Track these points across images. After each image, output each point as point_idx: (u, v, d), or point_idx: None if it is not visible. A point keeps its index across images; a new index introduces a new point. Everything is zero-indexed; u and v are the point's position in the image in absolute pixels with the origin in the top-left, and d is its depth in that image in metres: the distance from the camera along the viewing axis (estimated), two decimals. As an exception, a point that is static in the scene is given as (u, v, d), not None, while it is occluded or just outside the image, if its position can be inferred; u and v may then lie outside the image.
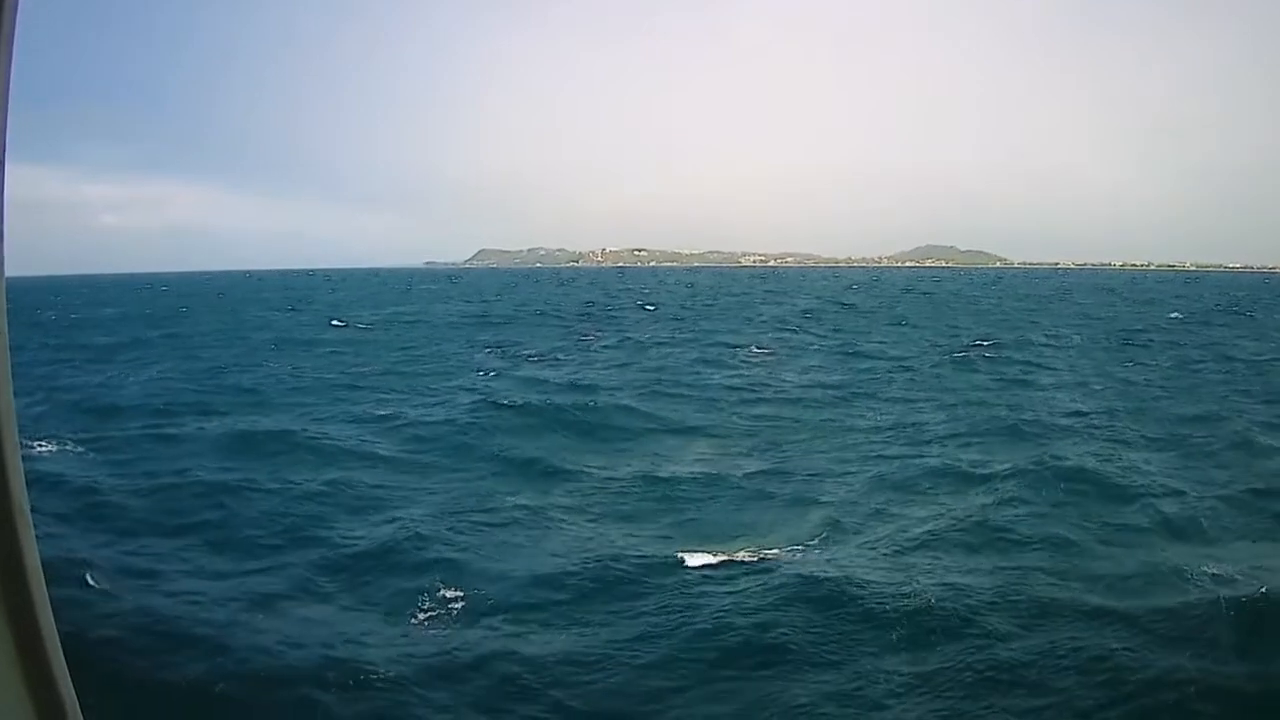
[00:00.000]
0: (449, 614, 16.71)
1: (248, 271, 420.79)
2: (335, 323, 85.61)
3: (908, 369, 48.95)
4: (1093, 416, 34.62)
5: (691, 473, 26.69)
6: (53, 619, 2.48)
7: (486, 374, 47.92)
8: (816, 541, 20.48)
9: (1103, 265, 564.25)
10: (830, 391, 41.57)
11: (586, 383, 43.80)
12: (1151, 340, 65.50)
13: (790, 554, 19.53)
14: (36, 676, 2.45)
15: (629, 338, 68.16)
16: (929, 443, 30.47)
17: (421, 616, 16.67)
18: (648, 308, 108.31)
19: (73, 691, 2.53)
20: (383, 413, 36.30)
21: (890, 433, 32.55)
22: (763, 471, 26.80)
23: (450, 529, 21.26)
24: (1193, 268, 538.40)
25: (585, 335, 71.95)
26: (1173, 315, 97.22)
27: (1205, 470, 25.97)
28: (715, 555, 19.30)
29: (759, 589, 17.18)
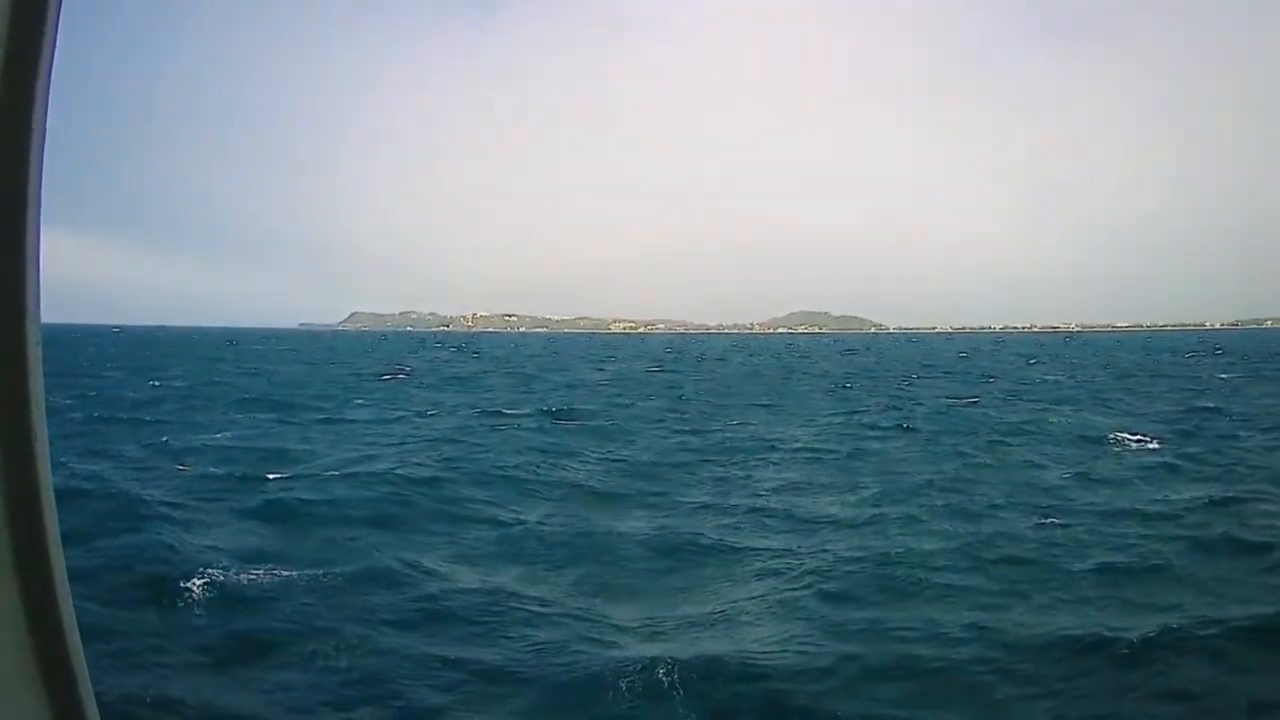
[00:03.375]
0: None
1: (119, 327, 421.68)
2: (154, 382, 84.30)
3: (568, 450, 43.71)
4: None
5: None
6: (74, 613, 2.63)
7: (215, 435, 46.06)
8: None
9: (982, 328, 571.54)
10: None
11: (287, 448, 41.93)
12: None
13: None
14: (55, 673, 2.57)
15: (397, 406, 65.79)
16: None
17: None
18: (459, 376, 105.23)
19: (90, 688, 2.67)
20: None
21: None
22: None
23: None
24: (1077, 328, 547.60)
25: (362, 399, 71.38)
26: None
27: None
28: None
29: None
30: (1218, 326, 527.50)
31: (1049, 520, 26.94)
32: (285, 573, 20.81)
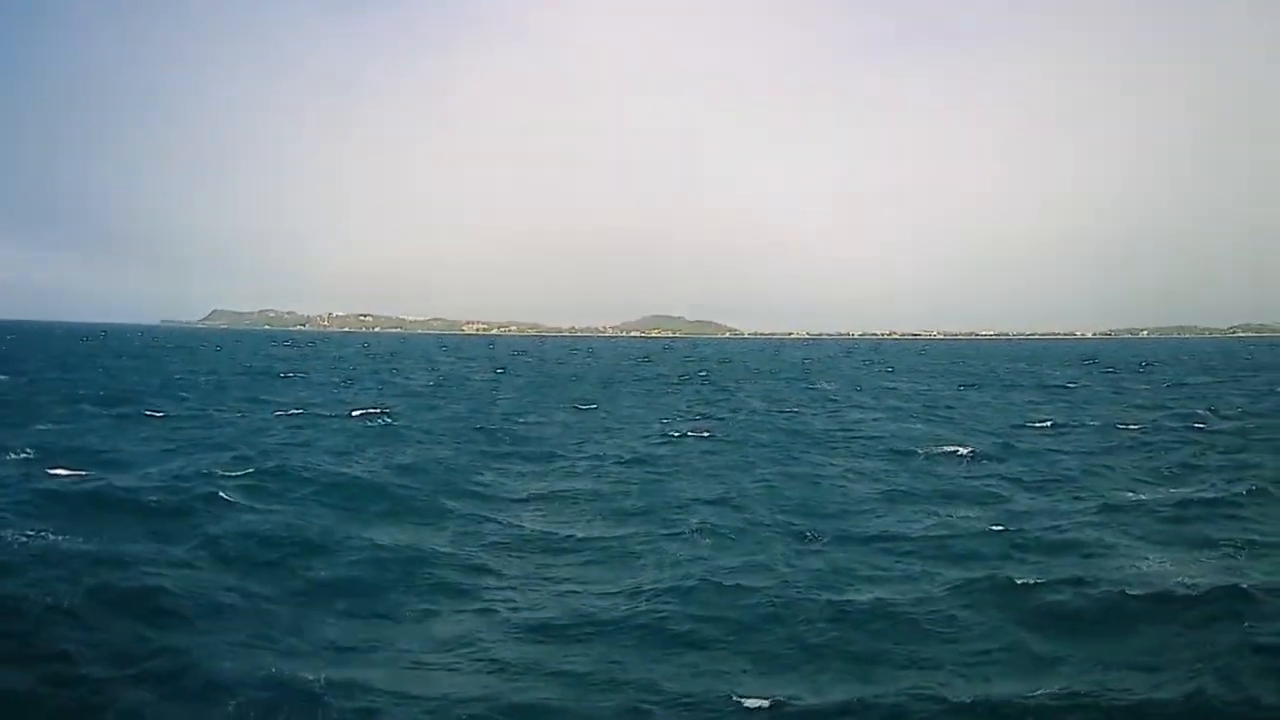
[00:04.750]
0: None
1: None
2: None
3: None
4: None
5: None
6: None
7: (39, 428, 45.45)
8: None
9: (841, 334, 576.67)
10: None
11: (96, 444, 40.64)
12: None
13: None
14: None
15: (222, 404, 63.83)
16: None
17: None
18: (285, 375, 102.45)
19: None
20: None
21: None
22: None
23: None
24: (939, 335, 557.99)
25: (189, 394, 71.64)
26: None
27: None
28: None
29: None
30: (1089, 336, 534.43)
31: (812, 546, 24.44)
32: (40, 549, 21.38)
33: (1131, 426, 50.87)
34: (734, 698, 14.73)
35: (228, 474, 32.42)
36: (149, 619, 17.60)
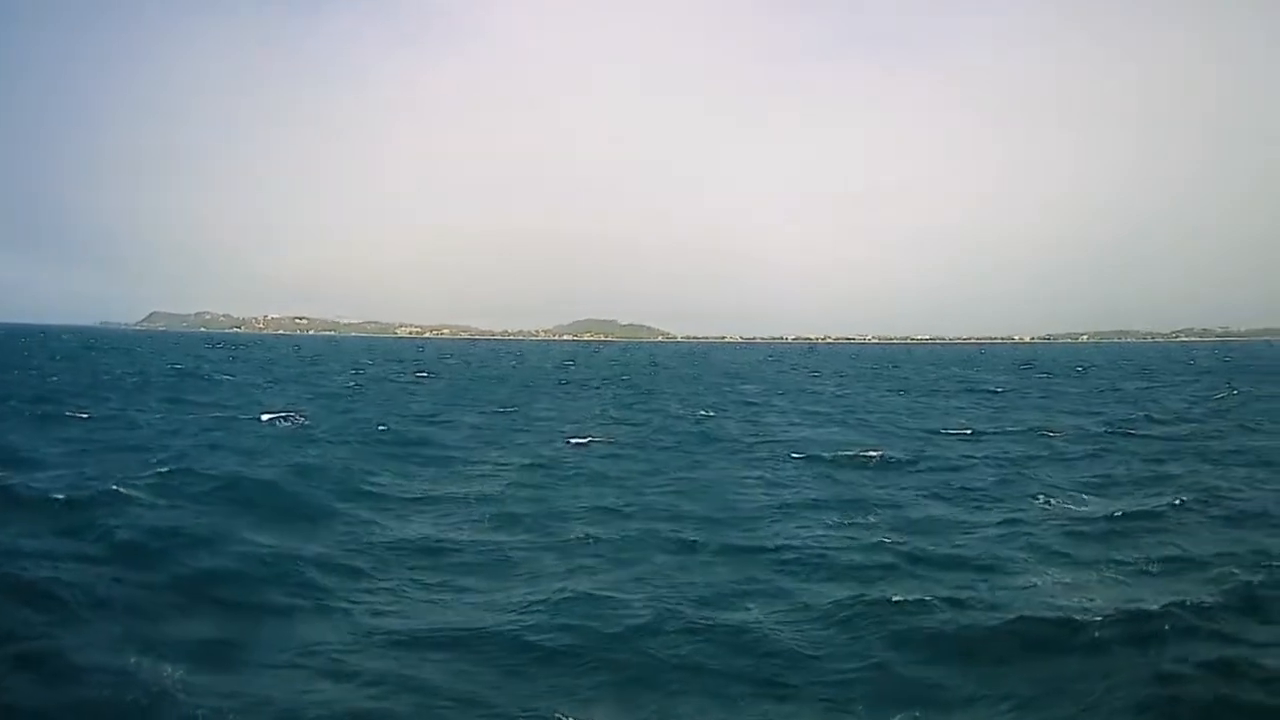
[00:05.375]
0: None
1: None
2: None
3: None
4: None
5: None
6: None
7: None
8: None
9: (775, 338, 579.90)
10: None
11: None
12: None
13: None
14: None
15: (145, 407, 62.11)
16: None
17: None
18: (210, 377, 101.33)
19: None
20: None
21: None
22: None
23: None
24: (874, 340, 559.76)
25: (113, 395, 70.19)
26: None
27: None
28: None
29: None
30: (1028, 340, 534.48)
31: (697, 557, 23.63)
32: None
33: (1055, 433, 49.53)
34: (571, 720, 14.30)
35: (136, 474, 31.64)
36: (37, 605, 17.71)
